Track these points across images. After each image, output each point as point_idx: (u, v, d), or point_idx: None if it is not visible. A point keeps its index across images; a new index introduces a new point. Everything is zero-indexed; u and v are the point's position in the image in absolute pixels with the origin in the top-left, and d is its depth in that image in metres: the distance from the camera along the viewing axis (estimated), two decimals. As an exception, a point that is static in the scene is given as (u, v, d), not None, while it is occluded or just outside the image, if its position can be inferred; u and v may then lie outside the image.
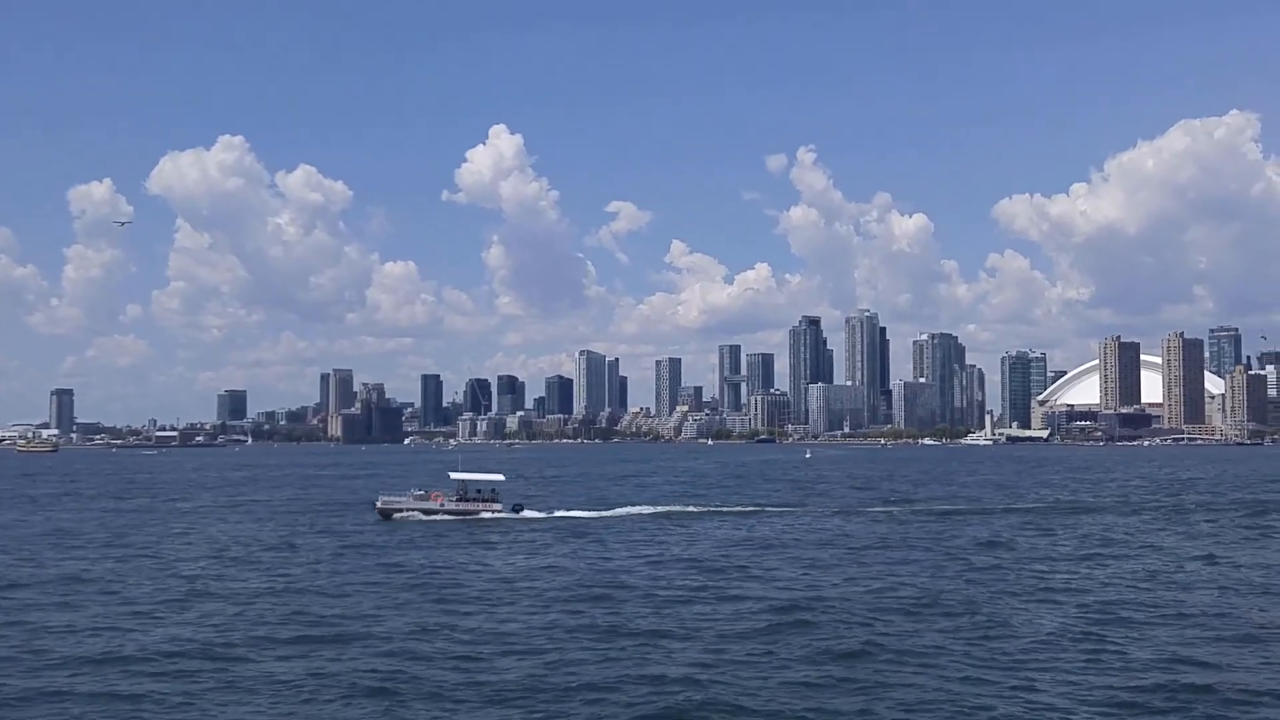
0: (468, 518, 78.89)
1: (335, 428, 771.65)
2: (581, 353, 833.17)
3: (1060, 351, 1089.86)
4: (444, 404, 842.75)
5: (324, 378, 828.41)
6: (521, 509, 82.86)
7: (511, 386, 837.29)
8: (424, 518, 79.35)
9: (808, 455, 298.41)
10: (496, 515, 79.89)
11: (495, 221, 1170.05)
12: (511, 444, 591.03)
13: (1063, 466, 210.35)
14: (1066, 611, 41.21)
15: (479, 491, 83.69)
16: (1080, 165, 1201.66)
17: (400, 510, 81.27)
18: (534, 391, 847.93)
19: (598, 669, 32.12)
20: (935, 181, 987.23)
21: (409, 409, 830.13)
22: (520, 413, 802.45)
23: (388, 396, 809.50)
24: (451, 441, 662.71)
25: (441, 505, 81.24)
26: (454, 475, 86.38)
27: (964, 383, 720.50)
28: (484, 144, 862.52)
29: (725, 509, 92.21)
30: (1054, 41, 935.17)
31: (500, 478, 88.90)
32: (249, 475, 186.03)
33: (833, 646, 34.80)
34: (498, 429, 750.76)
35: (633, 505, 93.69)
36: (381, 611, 41.76)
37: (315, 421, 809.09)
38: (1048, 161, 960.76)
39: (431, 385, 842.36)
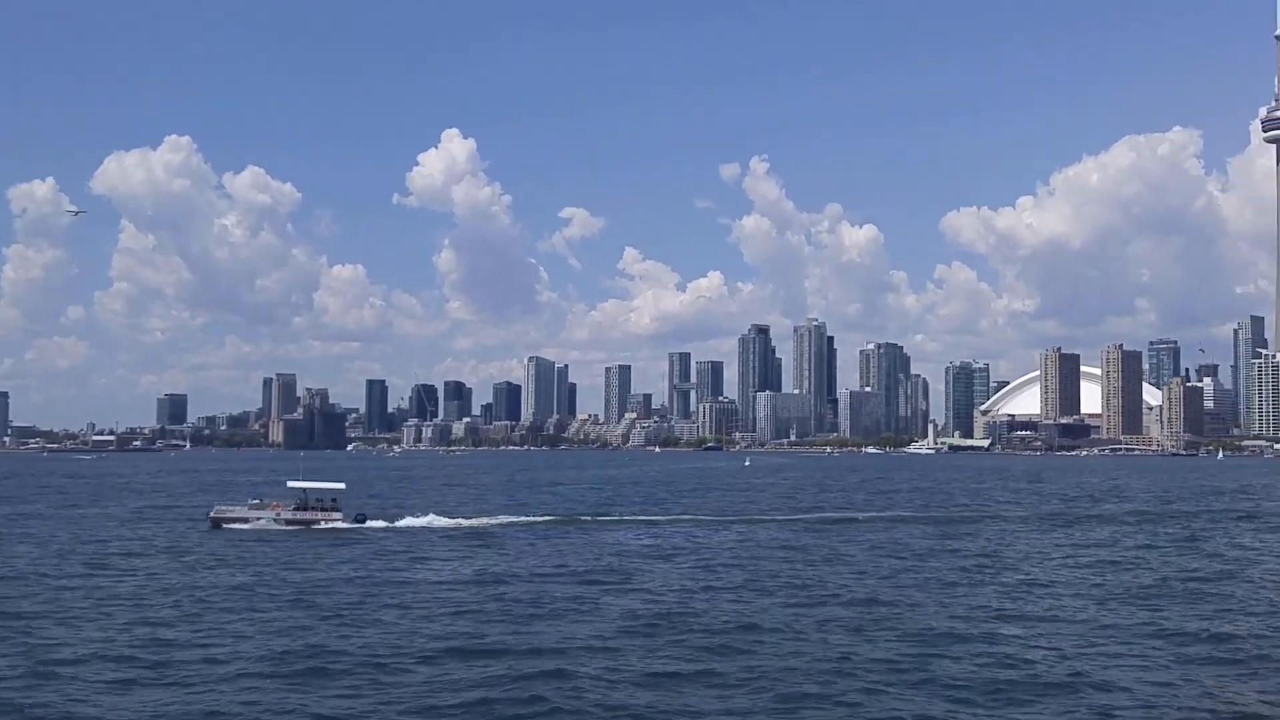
0: (302, 528, 76.41)
1: (277, 433, 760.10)
2: (530, 359, 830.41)
3: (1005, 362, 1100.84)
4: (389, 410, 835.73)
5: (267, 382, 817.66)
6: (365, 519, 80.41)
7: (458, 392, 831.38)
8: (256, 528, 76.47)
9: (746, 463, 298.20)
10: (334, 525, 77.24)
11: (446, 225, 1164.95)
12: (451, 450, 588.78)
13: (994, 475, 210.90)
14: (929, 619, 40.24)
15: (319, 501, 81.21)
16: (1027, 179, 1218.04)
17: (233, 520, 78.42)
18: (483, 397, 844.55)
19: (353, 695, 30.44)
20: (885, 193, 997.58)
21: (353, 414, 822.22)
22: (467, 419, 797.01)
23: (332, 402, 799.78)
24: (395, 448, 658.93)
25: (278, 515, 78.65)
26: (292, 484, 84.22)
27: (909, 392, 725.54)
28: (436, 148, 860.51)
29: (629, 518, 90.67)
30: (1001, 57, 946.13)
31: (341, 486, 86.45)
32: (151, 483, 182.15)
33: (652, 665, 33.33)
34: (443, 435, 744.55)
35: (520, 514, 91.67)
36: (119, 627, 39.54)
37: (257, 426, 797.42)
38: (995, 175, 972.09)
39: (377, 390, 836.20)
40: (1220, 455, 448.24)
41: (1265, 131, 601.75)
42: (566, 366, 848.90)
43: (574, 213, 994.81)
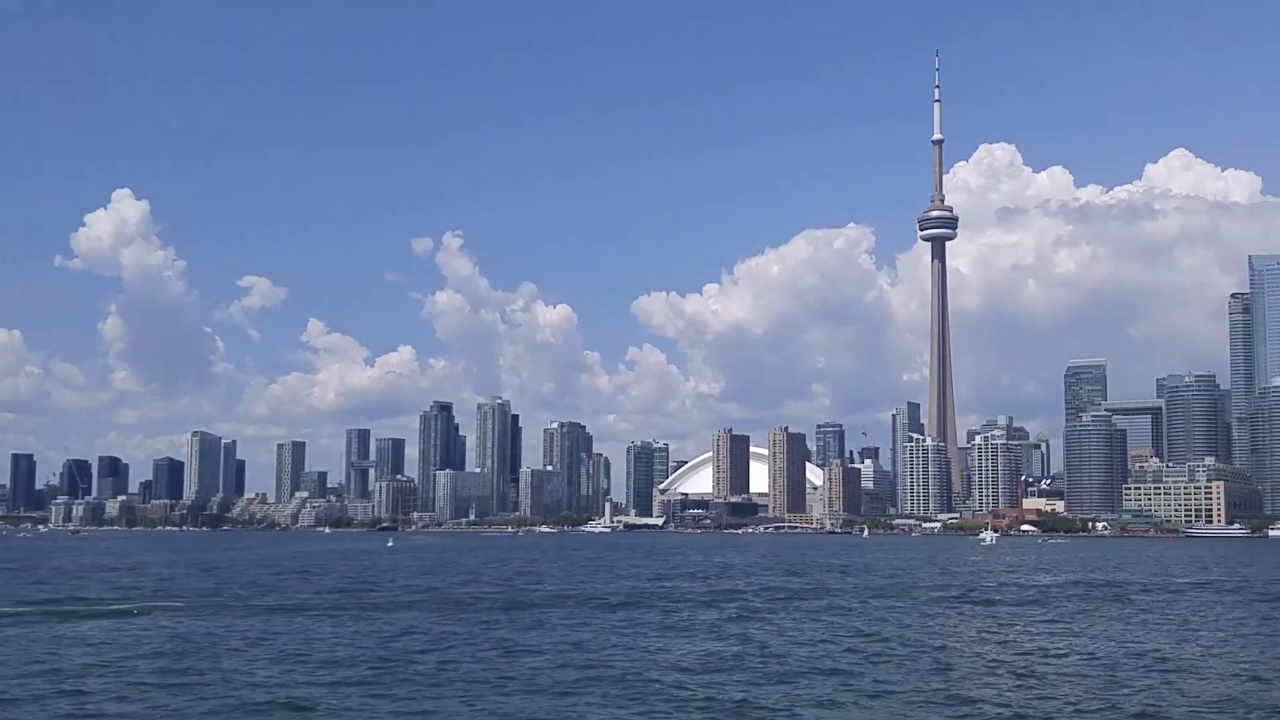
0: None
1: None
2: (195, 434, 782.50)
3: (692, 442, 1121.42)
4: (38, 486, 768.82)
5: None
6: None
7: (114, 469, 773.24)
8: None
9: (389, 544, 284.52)
10: None
11: (114, 291, 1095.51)
12: (77, 530, 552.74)
13: (628, 553, 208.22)
14: None
15: None
16: (713, 268, 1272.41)
17: None
18: (144, 474, 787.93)
19: None
20: (579, 275, 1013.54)
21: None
22: (123, 497, 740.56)
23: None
24: (40, 527, 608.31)
25: None
26: None
27: (591, 471, 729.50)
28: (105, 208, 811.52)
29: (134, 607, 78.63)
30: (694, 145, 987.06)
31: None
32: None
33: None
34: (96, 514, 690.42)
35: None
36: None
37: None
38: (684, 262, 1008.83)
39: (23, 465, 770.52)
40: (865, 533, 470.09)
41: (922, 231, 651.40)
42: (235, 442, 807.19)
43: (255, 281, 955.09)
